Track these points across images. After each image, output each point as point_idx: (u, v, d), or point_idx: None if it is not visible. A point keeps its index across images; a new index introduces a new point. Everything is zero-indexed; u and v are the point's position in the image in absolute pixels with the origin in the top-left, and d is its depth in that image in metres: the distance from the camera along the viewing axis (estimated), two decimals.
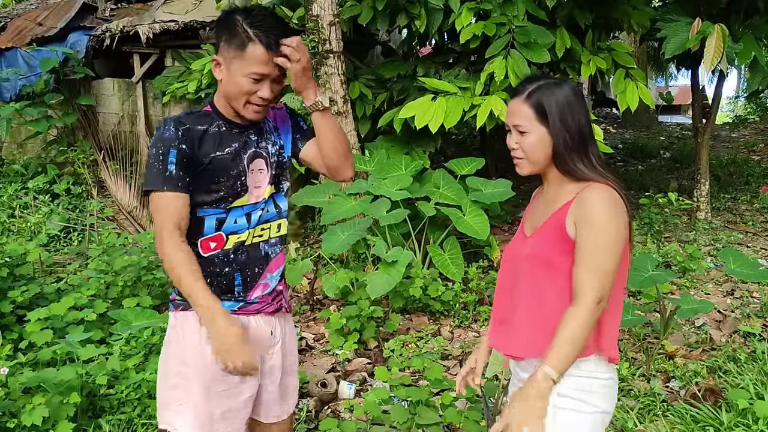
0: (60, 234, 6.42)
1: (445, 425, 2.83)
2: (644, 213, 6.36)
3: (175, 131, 1.65)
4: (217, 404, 1.73)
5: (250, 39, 1.61)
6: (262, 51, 1.61)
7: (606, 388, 1.58)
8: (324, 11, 5.05)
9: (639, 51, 11.93)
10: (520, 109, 1.57)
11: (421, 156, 5.35)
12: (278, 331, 1.88)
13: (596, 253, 1.49)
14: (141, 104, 8.27)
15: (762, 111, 16.43)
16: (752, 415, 2.71)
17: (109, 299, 3.95)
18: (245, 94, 1.66)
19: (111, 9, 9.15)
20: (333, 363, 3.70)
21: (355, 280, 4.26)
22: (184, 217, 1.66)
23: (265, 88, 1.66)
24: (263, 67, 1.63)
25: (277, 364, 1.88)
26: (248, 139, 1.76)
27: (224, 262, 1.75)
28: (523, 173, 1.63)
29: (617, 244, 1.51)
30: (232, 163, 1.71)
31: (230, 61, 1.64)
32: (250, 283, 1.79)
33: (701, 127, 6.57)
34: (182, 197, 1.65)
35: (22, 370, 2.91)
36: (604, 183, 1.55)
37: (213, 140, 1.70)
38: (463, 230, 4.52)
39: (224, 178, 1.70)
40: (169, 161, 1.63)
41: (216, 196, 1.70)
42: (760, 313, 4.20)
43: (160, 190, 1.63)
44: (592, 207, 1.51)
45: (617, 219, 1.52)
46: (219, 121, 1.73)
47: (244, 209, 1.75)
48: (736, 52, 4.93)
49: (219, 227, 1.73)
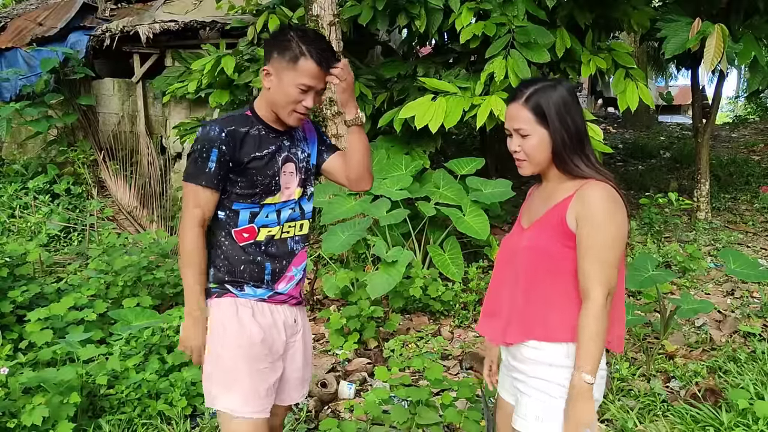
0: (60, 234, 6.42)
1: (445, 425, 2.83)
2: (644, 213, 6.36)
3: (220, 132, 1.81)
4: (260, 382, 1.89)
5: (303, 54, 1.79)
6: (312, 65, 1.79)
7: (602, 379, 1.65)
8: (324, 11, 5.05)
9: (639, 51, 11.93)
10: (519, 112, 1.63)
11: (421, 156, 5.34)
12: (300, 320, 2.05)
13: (600, 248, 1.55)
14: (141, 104, 8.27)
15: (762, 111, 16.43)
16: (752, 415, 2.71)
17: (109, 299, 3.95)
18: (292, 103, 1.83)
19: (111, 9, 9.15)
20: (333, 363, 3.70)
21: (355, 280, 4.26)
22: (210, 210, 1.86)
23: (310, 99, 1.84)
24: (312, 80, 1.81)
25: (299, 351, 2.04)
26: (282, 143, 1.93)
27: (256, 251, 1.91)
28: (526, 174, 1.69)
29: (618, 240, 1.56)
30: (268, 163, 1.88)
31: (281, 72, 1.81)
32: (278, 273, 1.95)
33: (701, 127, 6.57)
34: (213, 194, 1.84)
35: (22, 370, 2.91)
36: (603, 180, 1.61)
37: (253, 142, 1.86)
38: (463, 230, 4.52)
39: (261, 177, 1.86)
40: (210, 159, 1.80)
41: (252, 192, 1.86)
42: (760, 313, 4.21)
43: (197, 184, 1.82)
44: (594, 204, 1.57)
45: (617, 215, 1.57)
46: (259, 125, 1.89)
47: (275, 206, 1.92)
48: (736, 52, 4.93)
49: (252, 220, 1.89)
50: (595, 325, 1.52)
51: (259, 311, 1.91)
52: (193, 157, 1.83)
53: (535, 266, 1.65)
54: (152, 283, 4.22)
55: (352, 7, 5.39)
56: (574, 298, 1.60)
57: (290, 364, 2.02)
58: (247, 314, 1.89)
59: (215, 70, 6.02)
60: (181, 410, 2.93)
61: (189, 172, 1.84)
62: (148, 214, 6.83)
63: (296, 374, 2.05)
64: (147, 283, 4.20)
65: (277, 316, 1.95)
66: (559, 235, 1.61)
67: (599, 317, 1.53)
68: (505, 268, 1.76)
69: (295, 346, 2.03)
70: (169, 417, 2.93)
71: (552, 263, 1.62)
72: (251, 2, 6.59)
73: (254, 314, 1.90)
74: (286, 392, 2.06)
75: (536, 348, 1.64)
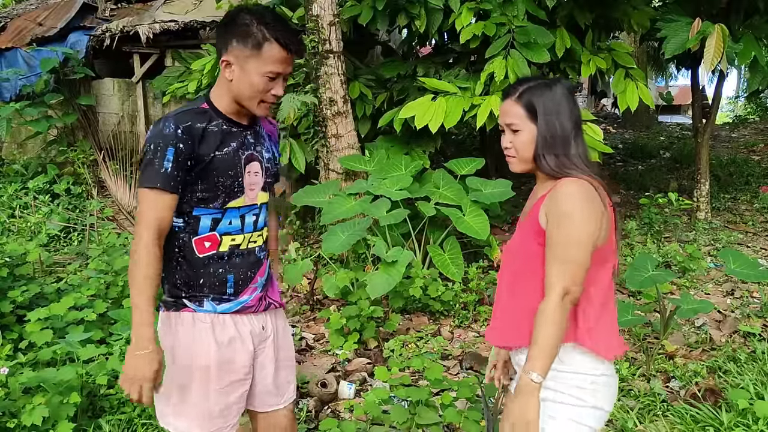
0: (60, 234, 6.41)
1: (445, 425, 2.83)
2: (644, 213, 6.36)
3: (175, 129, 1.63)
4: (215, 402, 1.77)
5: (266, 39, 1.63)
6: (279, 50, 1.64)
7: (596, 385, 1.59)
8: (324, 11, 5.05)
9: (639, 51, 11.94)
10: (511, 108, 1.63)
11: (421, 156, 5.34)
12: (269, 325, 1.92)
13: (564, 245, 1.51)
14: (141, 104, 8.28)
15: (762, 111, 16.43)
16: (752, 415, 2.71)
17: (109, 299, 3.95)
18: (260, 93, 1.68)
19: (111, 9, 9.15)
20: (333, 363, 3.70)
21: (355, 280, 4.26)
22: (168, 220, 1.66)
23: (279, 86, 1.70)
24: (280, 66, 1.66)
25: (269, 358, 1.92)
26: (246, 139, 1.78)
27: (218, 263, 1.76)
28: (515, 170, 1.69)
29: (585, 237, 1.50)
30: (230, 162, 1.72)
31: (244, 61, 1.65)
32: (242, 285, 1.81)
33: (701, 127, 6.57)
34: (171, 197, 1.65)
35: (22, 370, 2.91)
36: (580, 178, 1.57)
37: (213, 138, 1.70)
38: (463, 230, 4.52)
39: (223, 178, 1.71)
40: (166, 158, 1.61)
41: (213, 195, 1.71)
42: (760, 313, 4.20)
43: (152, 187, 1.63)
44: (561, 200, 1.53)
45: (587, 212, 1.52)
46: (218, 119, 1.72)
47: (239, 210, 1.77)
48: (736, 52, 4.93)
49: (214, 227, 1.74)
50: (550, 325, 1.47)
51: (220, 325, 1.77)
52: (147, 158, 1.63)
53: (516, 267, 1.65)
54: None
55: (352, 7, 5.39)
56: None
57: (259, 371, 1.90)
58: (204, 330, 1.75)
59: (215, 70, 6.02)
60: None
61: (143, 177, 1.64)
62: None
63: (267, 380, 1.93)
64: None
65: (242, 327, 1.82)
66: (534, 234, 1.59)
67: (553, 317, 1.47)
68: (502, 270, 1.77)
69: (265, 352, 1.90)
70: None
71: (529, 263, 1.60)
72: (251, 2, 6.59)
73: (213, 329, 1.76)
74: (262, 399, 1.95)
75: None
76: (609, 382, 1.62)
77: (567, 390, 1.59)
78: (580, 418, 1.59)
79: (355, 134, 5.30)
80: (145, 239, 1.61)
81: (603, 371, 1.60)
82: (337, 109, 5.12)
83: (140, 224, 1.63)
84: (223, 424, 1.81)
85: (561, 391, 1.59)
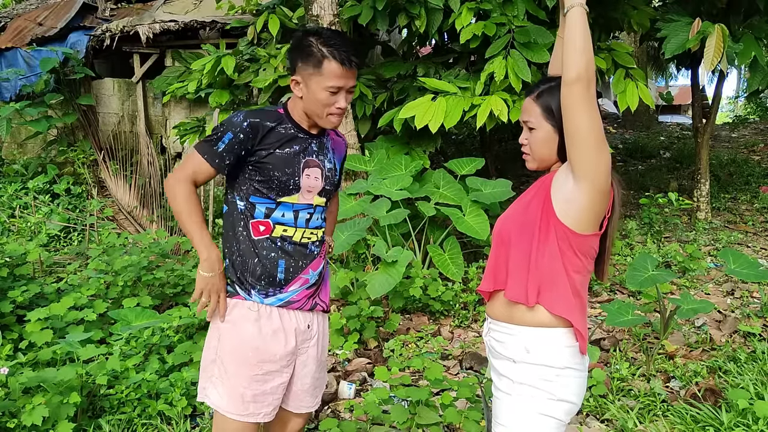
0: (60, 234, 6.42)
1: (445, 425, 2.83)
2: (644, 213, 6.37)
3: (242, 120, 1.81)
4: (250, 387, 1.88)
5: (325, 56, 1.79)
6: (336, 66, 1.79)
7: (561, 377, 1.59)
8: (324, 11, 5.05)
9: (639, 51, 11.94)
10: (529, 106, 1.66)
11: (421, 156, 5.34)
12: (315, 326, 2.03)
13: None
14: (141, 104, 8.28)
15: (762, 111, 16.45)
16: (752, 415, 2.71)
17: (109, 299, 3.95)
18: (326, 106, 1.84)
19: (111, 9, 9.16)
20: (333, 363, 3.70)
21: (355, 280, 4.26)
22: (201, 180, 1.86)
23: (342, 99, 1.85)
24: (339, 81, 1.81)
25: (312, 357, 2.02)
26: (310, 146, 1.93)
27: (271, 247, 1.89)
28: (531, 168, 1.71)
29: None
30: (289, 161, 1.87)
31: (308, 78, 1.82)
32: (292, 273, 1.92)
33: (701, 127, 6.57)
34: (210, 169, 1.84)
35: (22, 370, 2.91)
36: None
37: (277, 137, 1.86)
38: (463, 230, 4.52)
39: (278, 173, 1.85)
40: (222, 140, 1.81)
41: (268, 187, 1.86)
42: (760, 313, 4.21)
43: (201, 154, 1.84)
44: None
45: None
46: (288, 124, 1.90)
47: (293, 206, 1.90)
48: (736, 52, 4.93)
49: (268, 215, 1.89)
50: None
51: (266, 315, 1.90)
52: (212, 132, 1.85)
53: (512, 231, 1.68)
54: (152, 283, 4.22)
55: (352, 7, 5.39)
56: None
57: (301, 369, 2.00)
58: (251, 317, 1.89)
59: (215, 70, 6.02)
60: (181, 410, 2.93)
61: (200, 143, 1.86)
62: (148, 214, 6.83)
63: (307, 380, 2.03)
64: (147, 283, 4.20)
65: (287, 322, 1.92)
66: (540, 201, 1.61)
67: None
68: (495, 236, 1.79)
69: (308, 352, 2.00)
70: (169, 417, 2.93)
71: (525, 229, 1.63)
72: (251, 2, 6.59)
73: (259, 319, 1.89)
74: (299, 398, 2.05)
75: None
76: (576, 374, 1.62)
77: (534, 383, 1.60)
78: (549, 411, 1.60)
79: (355, 134, 5.30)
80: (181, 180, 1.84)
81: (568, 364, 1.60)
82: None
83: (178, 169, 1.86)
84: (255, 410, 1.90)
85: (526, 383, 1.60)
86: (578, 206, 1.54)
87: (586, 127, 1.47)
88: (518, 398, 1.61)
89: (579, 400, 1.64)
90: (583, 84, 1.45)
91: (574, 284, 1.60)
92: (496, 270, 1.70)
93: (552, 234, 1.57)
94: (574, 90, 1.46)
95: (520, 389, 1.61)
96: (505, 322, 1.66)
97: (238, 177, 1.88)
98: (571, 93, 1.46)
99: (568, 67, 1.46)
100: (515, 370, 1.62)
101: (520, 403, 1.61)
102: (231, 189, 1.92)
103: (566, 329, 1.60)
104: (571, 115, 1.48)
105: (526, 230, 1.61)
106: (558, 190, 1.57)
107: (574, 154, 1.51)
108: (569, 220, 1.55)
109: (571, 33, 1.49)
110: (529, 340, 1.60)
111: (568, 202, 1.55)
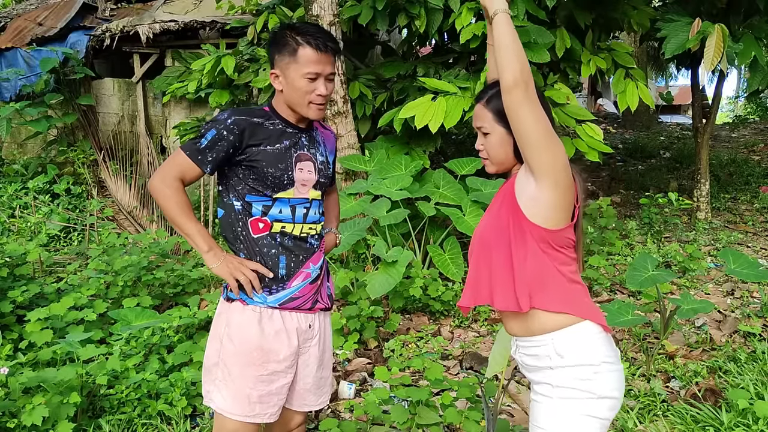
0: (60, 234, 6.42)
1: (445, 425, 2.83)
2: (644, 213, 6.37)
3: (227, 118, 1.82)
4: (255, 388, 1.89)
5: (299, 44, 1.81)
6: (311, 51, 1.80)
7: (599, 374, 1.58)
8: (324, 11, 5.05)
9: (639, 51, 11.94)
10: (481, 112, 1.69)
11: (421, 156, 5.34)
12: (317, 325, 2.02)
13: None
14: (141, 104, 8.28)
15: (762, 111, 16.45)
16: (752, 415, 2.71)
17: (109, 299, 3.96)
18: (306, 94, 1.83)
19: (111, 9, 9.16)
20: (333, 363, 3.69)
21: (355, 280, 4.26)
22: (188, 180, 1.86)
23: (321, 85, 1.84)
24: (316, 66, 1.81)
25: (314, 357, 2.03)
26: (300, 140, 1.93)
27: (271, 244, 1.90)
28: (490, 172, 1.75)
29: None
30: (281, 157, 1.87)
31: (286, 68, 1.83)
32: (294, 268, 1.92)
33: (701, 127, 6.57)
34: (193, 167, 1.83)
35: (22, 370, 2.91)
36: None
37: (266, 134, 1.86)
38: (463, 230, 4.52)
39: (272, 169, 1.85)
40: (205, 137, 1.82)
41: (263, 184, 1.86)
42: (760, 313, 4.21)
43: (183, 151, 1.84)
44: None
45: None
46: (276, 119, 1.90)
47: (289, 201, 1.91)
48: (736, 52, 4.93)
49: (265, 213, 1.90)
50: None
51: (268, 317, 1.90)
52: (198, 131, 1.84)
53: (486, 241, 1.70)
54: (152, 283, 4.22)
55: (352, 7, 5.39)
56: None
57: (303, 368, 2.01)
58: (253, 319, 1.89)
59: (215, 70, 6.02)
60: (181, 410, 2.93)
61: (186, 143, 1.87)
62: (148, 214, 6.83)
63: (309, 379, 2.04)
64: (147, 283, 4.20)
65: (289, 322, 1.93)
66: (507, 206, 1.63)
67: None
68: (472, 248, 1.81)
69: (309, 351, 2.01)
70: (169, 417, 2.93)
71: (499, 236, 1.64)
72: (251, 2, 6.59)
73: (261, 320, 1.89)
74: (302, 397, 2.06)
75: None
76: (613, 368, 1.61)
77: (571, 384, 1.58)
78: (591, 411, 1.58)
79: (355, 134, 5.30)
80: (162, 174, 1.83)
81: (603, 358, 1.60)
82: (337, 109, 5.12)
83: (162, 167, 1.85)
84: (261, 411, 1.91)
85: (566, 386, 1.59)
86: (545, 204, 1.55)
87: (533, 128, 1.49)
88: (559, 401, 1.60)
89: (620, 394, 1.62)
90: (521, 88, 1.46)
91: (565, 275, 1.61)
92: (476, 284, 1.70)
93: (528, 236, 1.58)
94: (514, 95, 1.47)
95: (561, 392, 1.60)
96: (527, 336, 1.65)
97: (231, 178, 1.89)
98: (511, 98, 1.48)
99: (504, 74, 1.48)
100: (554, 375, 1.61)
101: (561, 406, 1.60)
102: (226, 191, 1.92)
103: (585, 320, 1.61)
104: (515, 119, 1.50)
105: (502, 238, 1.62)
106: (522, 193, 1.59)
107: (528, 156, 1.53)
108: (539, 219, 1.57)
109: (501, 39, 1.50)
110: (559, 344, 1.59)
111: (534, 200, 1.56)
